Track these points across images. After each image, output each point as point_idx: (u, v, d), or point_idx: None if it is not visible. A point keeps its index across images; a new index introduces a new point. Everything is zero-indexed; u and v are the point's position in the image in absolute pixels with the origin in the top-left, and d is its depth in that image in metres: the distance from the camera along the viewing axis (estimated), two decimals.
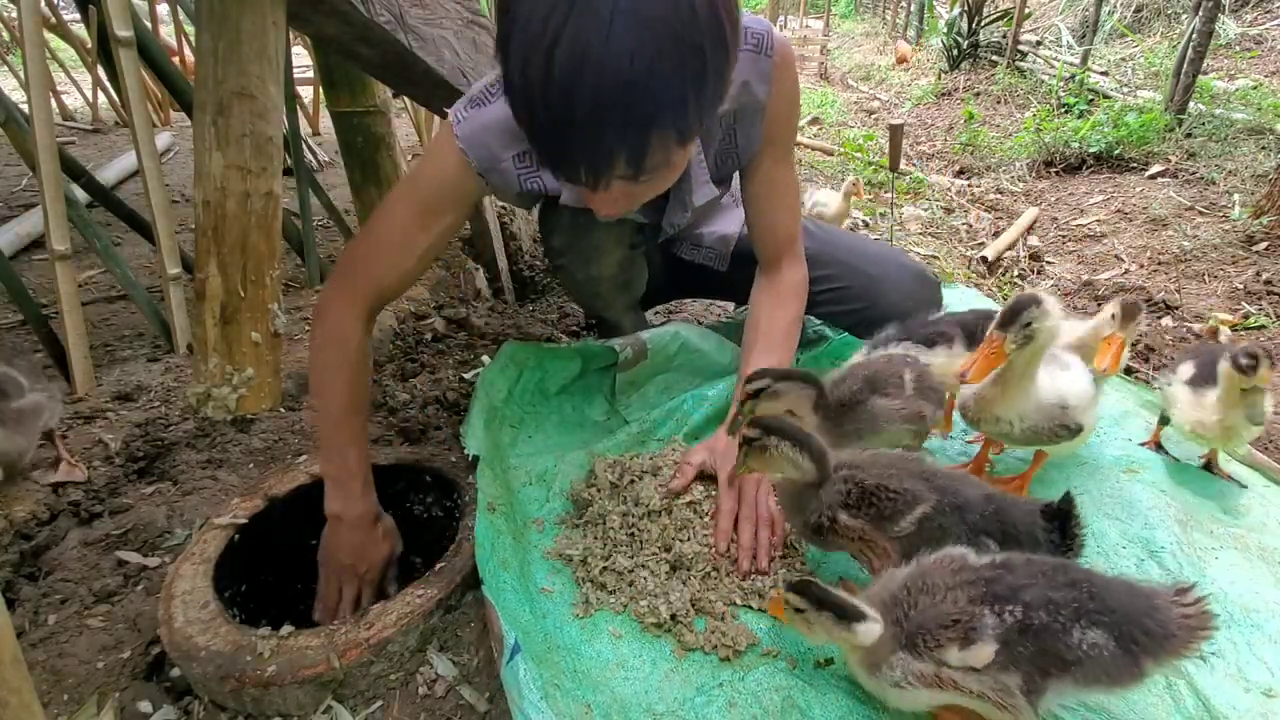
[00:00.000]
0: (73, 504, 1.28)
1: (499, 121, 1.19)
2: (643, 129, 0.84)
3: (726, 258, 1.72)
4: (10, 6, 5.49)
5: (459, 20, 1.90)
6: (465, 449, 1.32)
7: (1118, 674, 0.79)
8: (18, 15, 1.67)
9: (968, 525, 0.97)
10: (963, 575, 0.86)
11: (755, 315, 1.48)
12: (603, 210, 1.06)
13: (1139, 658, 0.78)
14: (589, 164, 0.87)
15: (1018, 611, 0.80)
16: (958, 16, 6.41)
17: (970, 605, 0.82)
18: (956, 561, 0.89)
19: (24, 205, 3.30)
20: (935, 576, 0.87)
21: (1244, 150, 3.58)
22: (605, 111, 0.80)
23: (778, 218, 1.45)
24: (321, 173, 4.12)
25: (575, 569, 1.17)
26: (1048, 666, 0.79)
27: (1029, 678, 0.79)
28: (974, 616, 0.81)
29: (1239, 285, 2.43)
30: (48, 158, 1.56)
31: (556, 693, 0.95)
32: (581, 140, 0.84)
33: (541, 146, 0.89)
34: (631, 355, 1.60)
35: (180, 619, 0.99)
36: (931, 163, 4.38)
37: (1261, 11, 5.67)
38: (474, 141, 1.20)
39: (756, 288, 1.51)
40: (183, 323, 1.82)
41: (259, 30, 1.39)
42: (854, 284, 1.61)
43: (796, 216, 1.49)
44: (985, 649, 0.79)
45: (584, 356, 1.65)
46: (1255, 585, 1.14)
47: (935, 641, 0.81)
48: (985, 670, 0.80)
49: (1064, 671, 0.79)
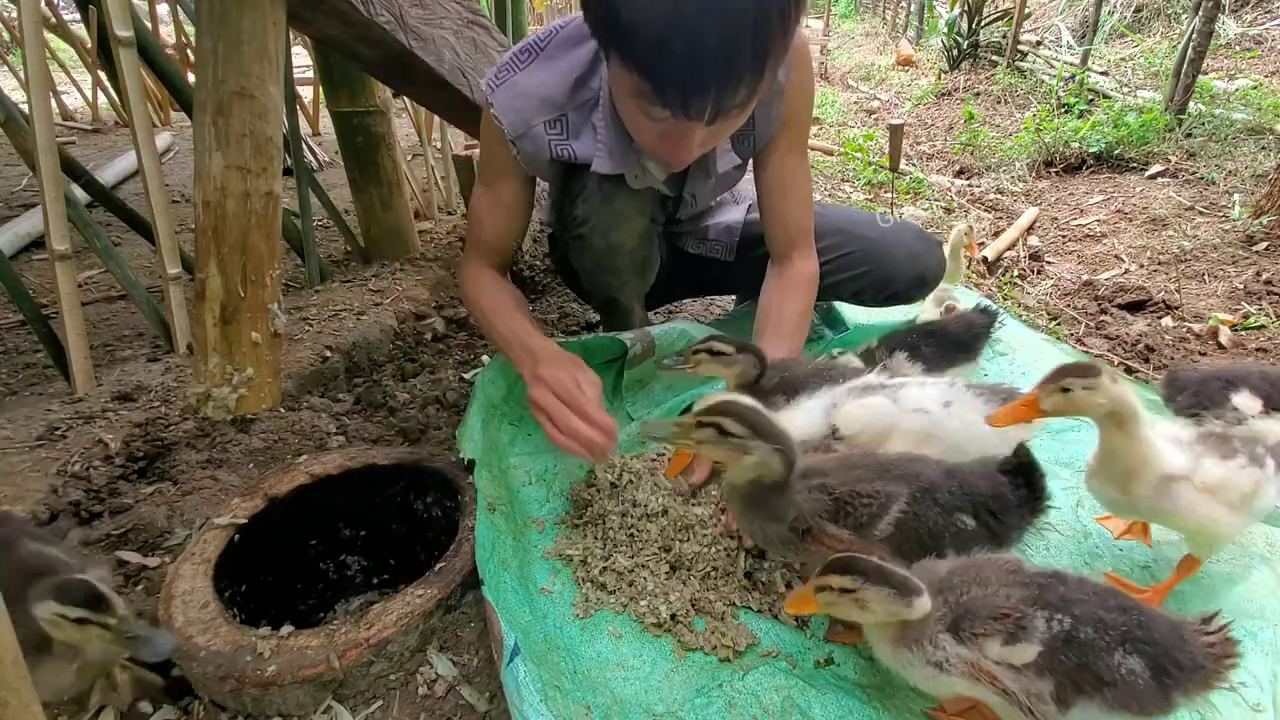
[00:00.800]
0: (73, 504, 1.28)
1: (533, 87, 1.29)
2: (760, 59, 0.94)
3: (733, 247, 1.76)
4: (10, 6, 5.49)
5: (459, 20, 1.90)
6: (460, 452, 1.32)
7: (1147, 704, 0.78)
8: (18, 15, 1.67)
9: (941, 506, 0.95)
10: (1017, 576, 0.86)
11: (765, 305, 1.51)
12: (680, 155, 1.15)
13: (1170, 691, 0.78)
14: (719, 93, 0.96)
15: (1066, 622, 0.80)
16: (958, 16, 6.41)
17: (1022, 604, 0.82)
18: (1011, 564, 0.88)
19: (24, 205, 3.30)
20: (989, 571, 0.87)
21: (1244, 150, 3.57)
22: (737, 41, 0.91)
23: (790, 209, 1.48)
24: (321, 173, 4.12)
25: (575, 569, 1.17)
26: (1083, 682, 0.78)
27: (1061, 688, 0.79)
28: (1025, 616, 0.81)
29: (1239, 285, 2.43)
30: (48, 158, 1.56)
31: (556, 694, 0.95)
32: (714, 69, 0.94)
33: (668, 81, 0.97)
34: (640, 351, 1.59)
35: (180, 619, 0.99)
36: (931, 163, 4.38)
37: (1261, 11, 5.67)
38: (507, 108, 1.29)
39: (767, 279, 1.54)
40: (183, 323, 1.82)
41: (259, 30, 1.39)
42: (857, 249, 1.63)
43: (808, 209, 1.51)
44: (1029, 648, 0.79)
45: (587, 350, 1.63)
46: (1254, 591, 1.12)
47: (982, 630, 0.81)
48: (1023, 670, 0.79)
49: (1097, 691, 0.78)
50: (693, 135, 1.09)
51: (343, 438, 1.52)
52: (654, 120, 1.08)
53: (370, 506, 1.33)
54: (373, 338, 1.93)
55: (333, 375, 1.80)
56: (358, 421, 1.59)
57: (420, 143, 3.18)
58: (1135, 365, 1.97)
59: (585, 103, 1.33)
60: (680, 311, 2.40)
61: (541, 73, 1.31)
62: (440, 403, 1.69)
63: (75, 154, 2.57)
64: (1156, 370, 1.95)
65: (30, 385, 1.95)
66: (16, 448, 1.38)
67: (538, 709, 0.87)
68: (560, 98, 1.32)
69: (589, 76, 1.32)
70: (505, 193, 1.45)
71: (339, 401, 1.68)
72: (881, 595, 0.83)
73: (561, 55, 1.32)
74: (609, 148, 1.33)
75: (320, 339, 1.85)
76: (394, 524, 1.35)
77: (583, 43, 1.31)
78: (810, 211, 1.52)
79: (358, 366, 1.87)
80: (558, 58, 1.32)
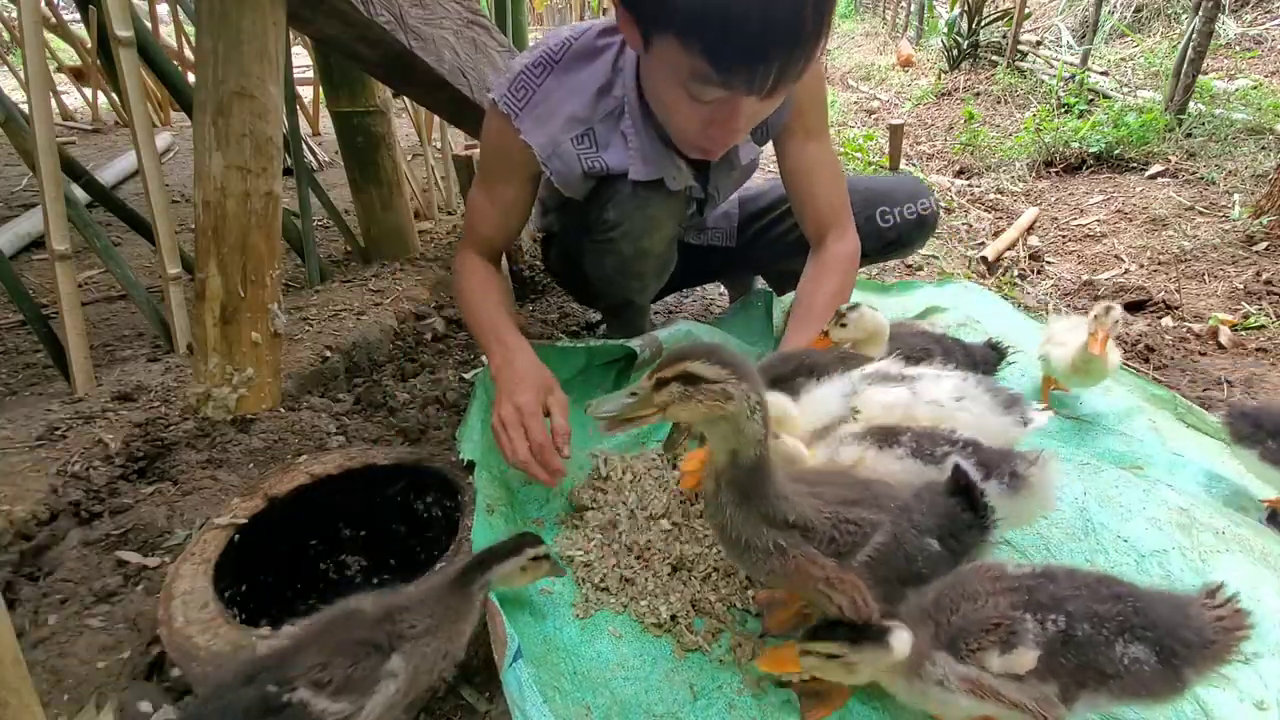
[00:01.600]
0: (73, 504, 1.28)
1: (558, 106, 1.32)
2: (819, 26, 0.99)
3: (732, 233, 1.83)
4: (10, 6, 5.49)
5: (459, 20, 1.90)
6: (459, 453, 1.32)
7: (1158, 688, 0.77)
8: (18, 15, 1.67)
9: (916, 529, 0.90)
10: (1003, 583, 0.84)
11: (799, 293, 1.54)
12: (725, 139, 1.19)
13: (1180, 670, 0.77)
14: (782, 63, 1.00)
15: (1061, 621, 0.78)
16: (958, 16, 6.41)
17: (1011, 610, 0.80)
18: (994, 570, 0.87)
19: (24, 205, 3.31)
20: (974, 583, 0.85)
21: (1244, 150, 3.57)
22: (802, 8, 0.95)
23: (817, 191, 1.51)
24: (321, 173, 4.12)
25: (576, 569, 1.17)
26: (1085, 679, 0.77)
27: (1065, 688, 0.78)
28: (1015, 621, 0.79)
29: (1239, 285, 2.43)
30: (48, 158, 1.56)
31: (556, 695, 0.95)
32: (780, 38, 0.97)
33: (733, 53, 0.99)
34: (650, 356, 1.60)
35: (180, 619, 0.99)
36: (931, 163, 4.38)
37: (1261, 11, 5.66)
38: (535, 131, 1.31)
39: (806, 266, 1.56)
40: (183, 323, 1.82)
41: (259, 30, 1.39)
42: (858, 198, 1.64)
43: (837, 189, 1.54)
44: (1028, 654, 0.77)
45: (592, 354, 1.64)
46: (1257, 592, 1.11)
47: (976, 644, 0.80)
48: (1026, 678, 0.78)
49: (1101, 684, 0.77)
50: (740, 115, 1.12)
51: (343, 438, 1.52)
52: (703, 103, 1.10)
53: (370, 506, 1.33)
54: (373, 338, 1.93)
55: (333, 375, 1.80)
56: (358, 421, 1.59)
57: (420, 143, 3.18)
58: (1135, 365, 1.97)
59: (610, 113, 1.34)
60: (680, 311, 2.40)
61: (562, 89, 1.33)
62: (440, 403, 1.69)
63: (75, 154, 2.57)
64: (1157, 370, 1.95)
65: (30, 385, 1.95)
66: (16, 448, 1.38)
67: (540, 710, 0.87)
68: (584, 112, 1.33)
69: (610, 86, 1.33)
70: (504, 195, 1.46)
71: (339, 401, 1.68)
72: (865, 654, 0.82)
73: (579, 68, 1.33)
74: (642, 153, 1.35)
75: (320, 339, 1.85)
76: (394, 524, 1.35)
77: (600, 54, 1.33)
78: (840, 190, 1.54)
79: (358, 366, 1.87)
80: (575, 70, 1.33)
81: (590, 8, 5.31)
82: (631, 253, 1.49)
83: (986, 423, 1.10)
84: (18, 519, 1.23)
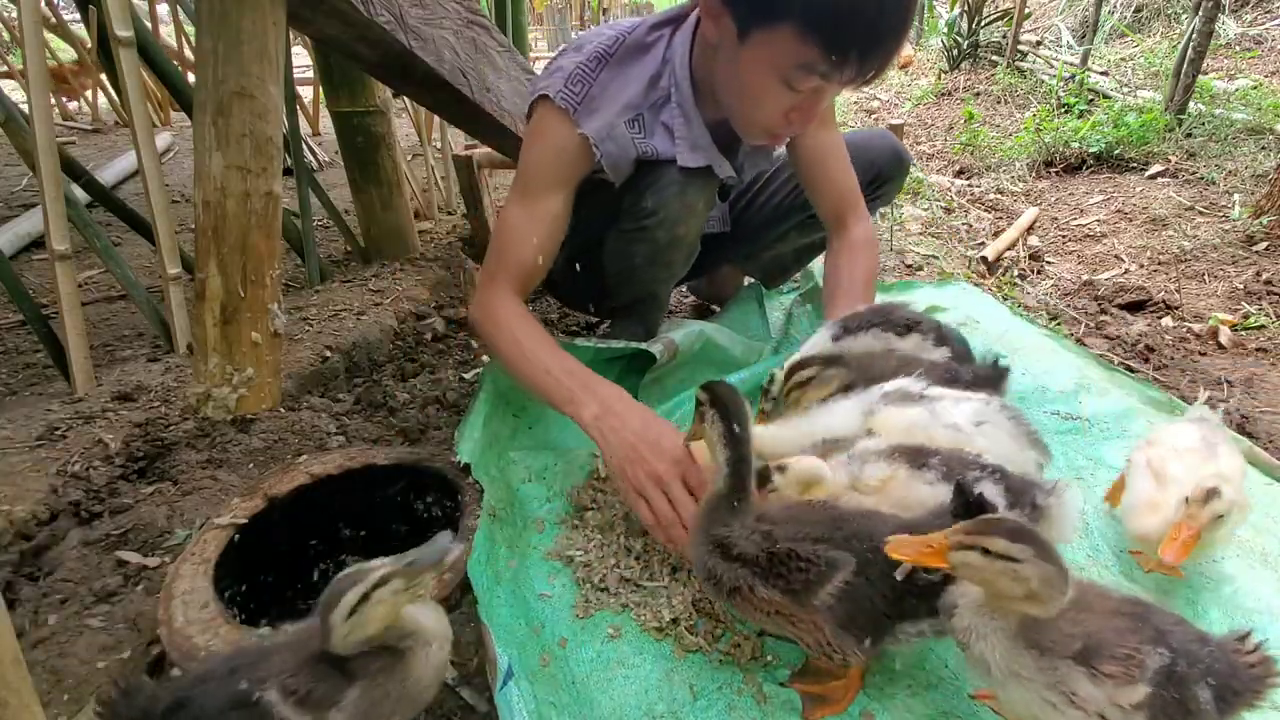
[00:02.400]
0: (73, 504, 1.28)
1: (615, 93, 1.34)
2: (913, 14, 1.07)
3: (726, 218, 1.87)
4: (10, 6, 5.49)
5: (459, 20, 1.90)
6: (457, 454, 1.32)
7: None
8: (18, 15, 1.67)
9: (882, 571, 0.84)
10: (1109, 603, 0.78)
11: (833, 273, 1.57)
12: (803, 125, 1.23)
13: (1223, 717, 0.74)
14: (888, 51, 1.07)
15: (1167, 656, 0.74)
16: (958, 16, 6.41)
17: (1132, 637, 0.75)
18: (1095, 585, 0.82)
19: (24, 205, 3.31)
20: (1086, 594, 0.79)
21: (1244, 150, 3.57)
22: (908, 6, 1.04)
23: (831, 176, 1.55)
24: (321, 173, 4.12)
25: (576, 570, 1.17)
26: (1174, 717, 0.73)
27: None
28: (1143, 654, 0.74)
29: (1239, 285, 2.43)
30: (48, 158, 1.56)
31: (552, 712, 0.94)
32: (892, 27, 1.04)
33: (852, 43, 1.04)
34: (667, 359, 1.62)
35: (180, 619, 0.99)
36: (931, 163, 4.38)
37: (1261, 11, 5.66)
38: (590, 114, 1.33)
39: (829, 250, 1.61)
40: (183, 323, 1.82)
41: (259, 30, 1.39)
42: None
43: (851, 173, 1.58)
44: (1141, 689, 0.73)
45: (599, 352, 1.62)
46: (1257, 591, 1.12)
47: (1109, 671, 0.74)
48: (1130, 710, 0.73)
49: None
50: (824, 103, 1.19)
51: (343, 438, 1.52)
52: (796, 91, 1.13)
53: (370, 506, 1.33)
54: (373, 338, 1.93)
55: (333, 375, 1.80)
56: (358, 421, 1.59)
57: (420, 143, 3.18)
58: (1135, 365, 1.97)
59: (655, 102, 1.37)
60: (680, 311, 2.40)
61: (616, 82, 1.36)
62: (440, 403, 1.69)
63: (75, 154, 2.57)
64: (1157, 370, 1.95)
65: (30, 385, 1.95)
66: (16, 448, 1.38)
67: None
68: (637, 99, 1.36)
69: (659, 76, 1.37)
70: (548, 209, 1.36)
71: (339, 401, 1.68)
72: (1049, 574, 0.72)
73: (633, 60, 1.37)
74: (690, 141, 1.37)
75: (320, 339, 1.86)
76: (394, 524, 1.35)
77: (650, 48, 1.37)
78: (853, 174, 1.58)
79: (358, 366, 1.87)
80: (629, 65, 1.37)
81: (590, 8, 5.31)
82: (667, 240, 1.49)
83: (1004, 451, 1.07)
84: (18, 519, 1.23)
